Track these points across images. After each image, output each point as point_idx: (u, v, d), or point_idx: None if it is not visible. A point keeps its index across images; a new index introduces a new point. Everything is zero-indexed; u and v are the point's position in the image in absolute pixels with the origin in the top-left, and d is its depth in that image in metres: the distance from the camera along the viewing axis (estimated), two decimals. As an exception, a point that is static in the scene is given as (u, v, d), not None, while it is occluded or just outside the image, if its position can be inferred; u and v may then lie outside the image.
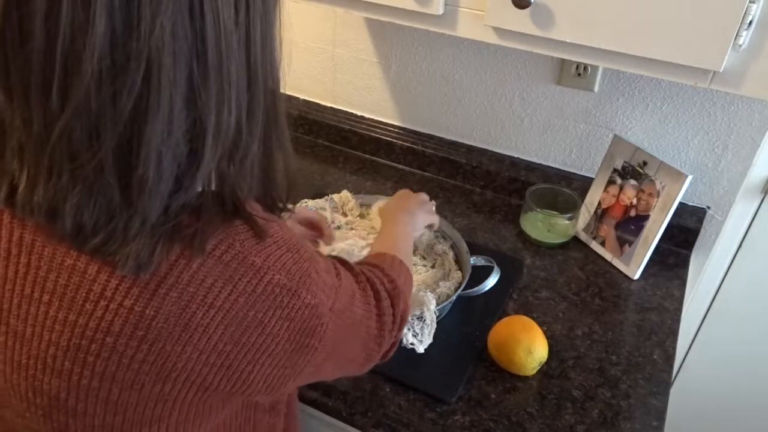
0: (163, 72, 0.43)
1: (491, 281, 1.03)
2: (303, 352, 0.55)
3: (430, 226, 1.06)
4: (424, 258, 1.14)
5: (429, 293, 0.97)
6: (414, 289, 0.99)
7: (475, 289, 1.02)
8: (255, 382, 0.53)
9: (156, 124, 0.44)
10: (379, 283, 0.71)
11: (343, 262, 0.68)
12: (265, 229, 0.52)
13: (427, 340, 0.95)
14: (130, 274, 0.46)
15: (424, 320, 0.95)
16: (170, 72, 0.43)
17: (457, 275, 1.06)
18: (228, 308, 0.49)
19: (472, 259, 1.07)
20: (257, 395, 0.55)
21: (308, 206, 1.20)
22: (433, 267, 1.11)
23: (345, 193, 1.23)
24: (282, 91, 0.55)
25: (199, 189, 0.49)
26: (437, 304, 0.96)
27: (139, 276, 0.46)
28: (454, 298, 1.00)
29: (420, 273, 1.10)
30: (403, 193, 1.07)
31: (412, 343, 0.94)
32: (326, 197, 1.22)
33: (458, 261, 1.11)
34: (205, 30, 0.44)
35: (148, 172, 0.44)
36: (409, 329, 0.94)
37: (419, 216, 1.01)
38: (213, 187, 0.51)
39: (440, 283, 1.04)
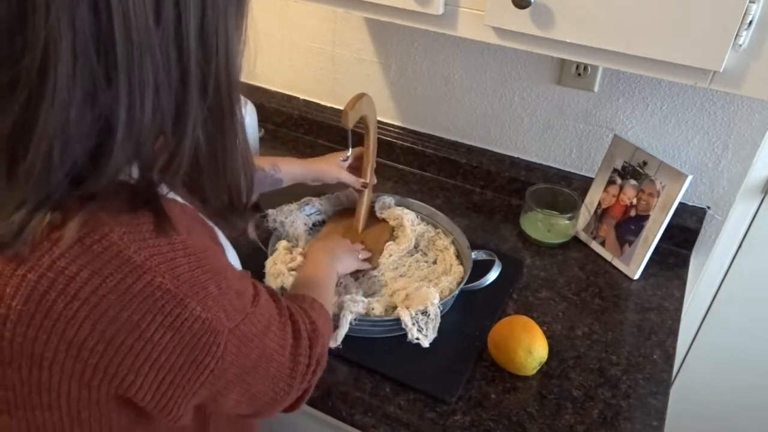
0: (60, 65, 0.42)
1: (493, 275, 1.03)
2: (196, 370, 0.52)
3: (359, 272, 1.07)
4: (426, 254, 1.14)
5: (432, 288, 0.97)
6: (416, 285, 0.99)
7: (477, 282, 1.02)
8: (141, 393, 0.51)
9: (50, 116, 0.43)
10: (301, 321, 0.68)
11: (270, 292, 0.66)
12: (171, 226, 0.50)
13: (432, 334, 0.95)
14: None
15: (428, 315, 0.95)
16: (68, 65, 0.42)
17: (458, 270, 1.06)
18: (95, 303, 0.46)
19: (473, 253, 1.08)
20: (151, 410, 0.53)
21: (312, 204, 1.21)
22: (434, 262, 1.12)
23: (350, 192, 1.23)
24: (240, 82, 0.54)
25: (118, 179, 0.49)
26: (440, 299, 0.96)
27: (3, 254, 0.46)
28: (456, 292, 1.00)
29: (422, 269, 1.10)
30: (335, 237, 1.10)
31: (417, 338, 0.94)
32: (329, 195, 1.23)
33: (459, 256, 1.11)
34: (113, 25, 0.42)
35: (35, 162, 0.44)
36: (414, 324, 0.94)
37: (345, 261, 1.01)
38: (133, 178, 0.50)
39: (442, 278, 1.04)
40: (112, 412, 0.53)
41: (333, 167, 1.15)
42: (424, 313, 0.96)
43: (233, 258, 0.66)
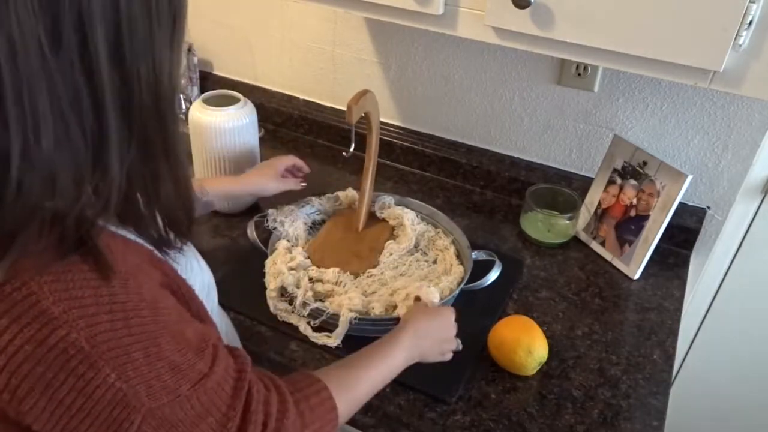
0: None
1: (493, 275, 1.03)
2: None
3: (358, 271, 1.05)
4: (426, 253, 1.14)
5: (432, 287, 0.97)
6: (416, 284, 0.99)
7: (477, 283, 1.02)
8: None
9: None
10: (260, 422, 0.57)
11: (238, 370, 0.57)
12: (110, 268, 0.46)
13: None
14: None
15: None
16: None
17: (458, 270, 1.06)
18: (12, 352, 0.44)
19: (473, 253, 1.08)
20: None
21: (312, 204, 1.21)
22: (434, 262, 1.12)
23: (351, 191, 1.23)
24: (175, 106, 0.51)
25: (39, 217, 0.44)
26: (440, 299, 0.96)
27: None
28: (457, 292, 1.00)
29: (422, 268, 1.10)
30: (446, 320, 0.88)
31: None
32: (329, 195, 1.23)
33: (459, 256, 1.11)
34: None
35: None
36: None
37: (427, 355, 0.85)
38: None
39: (442, 278, 1.04)
40: None
41: (267, 179, 1.12)
42: None
43: (199, 279, 0.62)
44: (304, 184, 1.18)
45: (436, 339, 0.85)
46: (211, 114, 1.14)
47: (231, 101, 1.18)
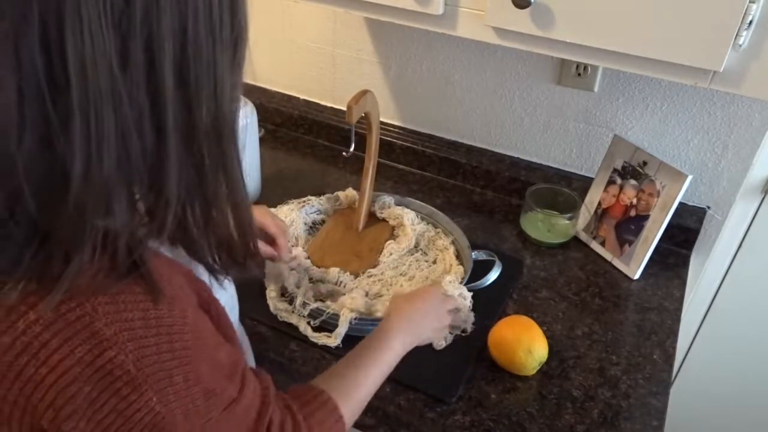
0: (3, 107, 0.39)
1: (493, 275, 1.03)
2: None
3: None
4: (426, 253, 1.14)
5: (449, 277, 0.96)
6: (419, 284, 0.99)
7: (478, 283, 1.02)
8: None
9: None
10: None
11: (263, 396, 0.59)
12: (161, 292, 0.46)
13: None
14: None
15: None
16: (13, 104, 0.39)
17: (458, 270, 1.07)
18: (62, 372, 0.44)
19: (473, 253, 1.08)
20: None
21: (311, 204, 1.20)
22: (434, 262, 1.12)
23: (351, 191, 1.23)
24: (235, 129, 0.50)
25: (95, 240, 0.44)
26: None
27: None
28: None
29: (422, 268, 1.10)
30: (429, 296, 0.87)
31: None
32: (329, 195, 1.23)
33: (459, 256, 1.11)
34: (66, 66, 0.38)
35: None
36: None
37: (423, 336, 0.85)
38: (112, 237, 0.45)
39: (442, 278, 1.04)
40: None
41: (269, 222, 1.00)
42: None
43: (225, 296, 0.62)
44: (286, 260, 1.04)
45: (426, 318, 0.85)
46: None
47: None
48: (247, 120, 1.17)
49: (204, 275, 0.56)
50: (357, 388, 0.72)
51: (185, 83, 0.44)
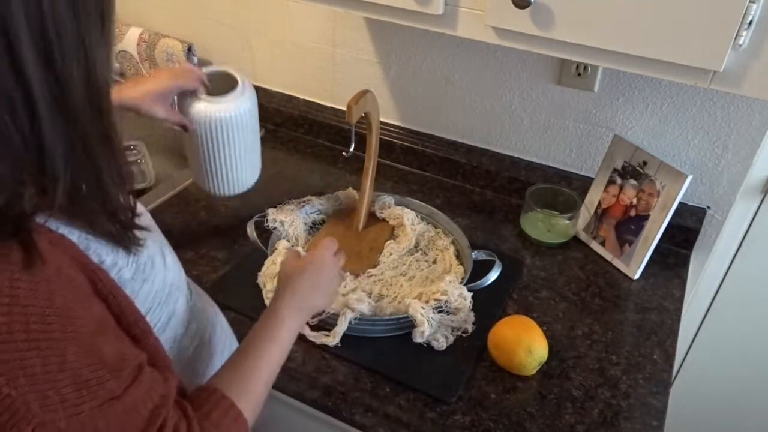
0: None
1: (493, 275, 1.03)
2: None
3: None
4: (426, 253, 1.14)
5: (450, 278, 0.96)
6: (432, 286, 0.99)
7: (478, 282, 1.02)
8: None
9: None
10: None
11: (161, 399, 0.54)
12: (41, 258, 0.45)
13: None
14: None
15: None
16: None
17: (458, 270, 1.07)
18: None
19: (473, 253, 1.08)
20: None
21: (311, 204, 1.21)
22: (434, 262, 1.12)
23: (351, 191, 1.23)
24: (110, 100, 0.51)
25: None
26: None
27: None
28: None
29: (422, 268, 1.10)
30: (321, 265, 0.81)
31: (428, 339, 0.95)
32: (329, 195, 1.23)
33: (459, 256, 1.11)
34: None
35: None
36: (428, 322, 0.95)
37: (323, 296, 0.81)
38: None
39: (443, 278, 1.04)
40: None
41: (151, 101, 0.92)
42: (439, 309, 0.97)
43: (160, 278, 0.60)
44: (183, 128, 0.95)
45: (316, 288, 0.79)
46: (206, 105, 0.97)
47: (227, 83, 1.01)
48: (248, 105, 1.03)
49: (109, 257, 0.54)
50: (251, 381, 0.67)
51: (51, 62, 0.45)
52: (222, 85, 1.02)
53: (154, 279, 0.60)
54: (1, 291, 0.44)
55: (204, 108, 0.97)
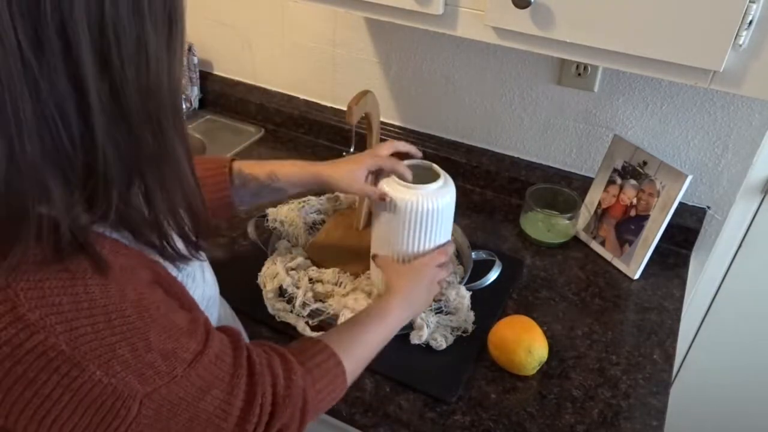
0: None
1: (493, 275, 1.03)
2: (105, 430, 0.49)
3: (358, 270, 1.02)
4: None
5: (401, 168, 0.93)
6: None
7: (477, 283, 1.02)
8: None
9: None
10: (269, 383, 0.60)
11: (234, 344, 0.59)
12: (107, 266, 0.47)
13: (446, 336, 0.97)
14: None
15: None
16: None
17: (458, 270, 1.07)
18: None
19: (473, 253, 1.08)
20: None
21: (311, 204, 1.20)
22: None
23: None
24: (178, 110, 0.50)
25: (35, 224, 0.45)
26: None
27: None
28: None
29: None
30: (428, 274, 0.89)
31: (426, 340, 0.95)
32: (329, 195, 1.23)
33: (459, 256, 1.11)
34: None
35: None
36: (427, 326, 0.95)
37: (420, 311, 0.90)
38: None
39: None
40: None
41: (349, 179, 0.91)
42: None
43: (199, 292, 0.62)
44: (382, 199, 0.91)
45: (420, 295, 0.87)
46: (405, 191, 0.91)
47: (427, 176, 0.96)
48: (447, 199, 0.98)
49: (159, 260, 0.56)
50: (356, 345, 0.74)
51: (109, 66, 0.44)
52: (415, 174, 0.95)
53: (194, 292, 0.61)
54: (79, 297, 0.46)
55: (411, 195, 0.92)
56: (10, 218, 0.44)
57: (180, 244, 0.57)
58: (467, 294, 0.99)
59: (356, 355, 0.73)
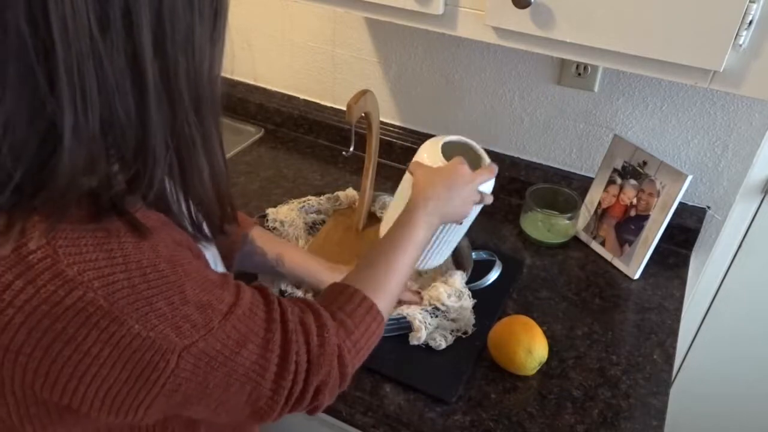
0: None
1: (493, 275, 1.03)
2: (144, 385, 0.50)
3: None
4: None
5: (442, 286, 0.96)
6: (420, 283, 0.99)
7: (478, 283, 1.02)
8: (87, 401, 0.49)
9: None
10: (303, 342, 0.60)
11: (265, 298, 0.60)
12: (145, 227, 0.50)
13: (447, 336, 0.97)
14: None
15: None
16: (11, 66, 0.42)
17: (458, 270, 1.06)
18: (29, 311, 0.46)
19: (473, 253, 1.08)
20: (103, 416, 0.51)
21: (311, 204, 1.20)
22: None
23: (351, 191, 1.23)
24: (216, 99, 0.53)
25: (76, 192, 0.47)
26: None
27: None
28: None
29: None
30: (458, 176, 0.87)
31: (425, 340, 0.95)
32: (329, 195, 1.23)
33: (459, 256, 1.11)
34: (51, 31, 0.41)
35: None
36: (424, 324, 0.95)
37: (454, 206, 0.85)
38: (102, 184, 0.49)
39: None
40: (62, 409, 0.52)
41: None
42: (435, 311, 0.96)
43: (212, 261, 0.63)
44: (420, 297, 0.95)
45: (451, 201, 0.84)
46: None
47: (471, 156, 0.95)
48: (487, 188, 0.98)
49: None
50: (386, 280, 0.73)
51: (163, 51, 0.47)
52: (455, 154, 0.95)
53: (205, 251, 0.63)
54: (113, 254, 0.48)
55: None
56: (58, 187, 0.46)
57: (204, 226, 0.59)
58: (469, 294, 0.99)
59: (389, 289, 0.73)
